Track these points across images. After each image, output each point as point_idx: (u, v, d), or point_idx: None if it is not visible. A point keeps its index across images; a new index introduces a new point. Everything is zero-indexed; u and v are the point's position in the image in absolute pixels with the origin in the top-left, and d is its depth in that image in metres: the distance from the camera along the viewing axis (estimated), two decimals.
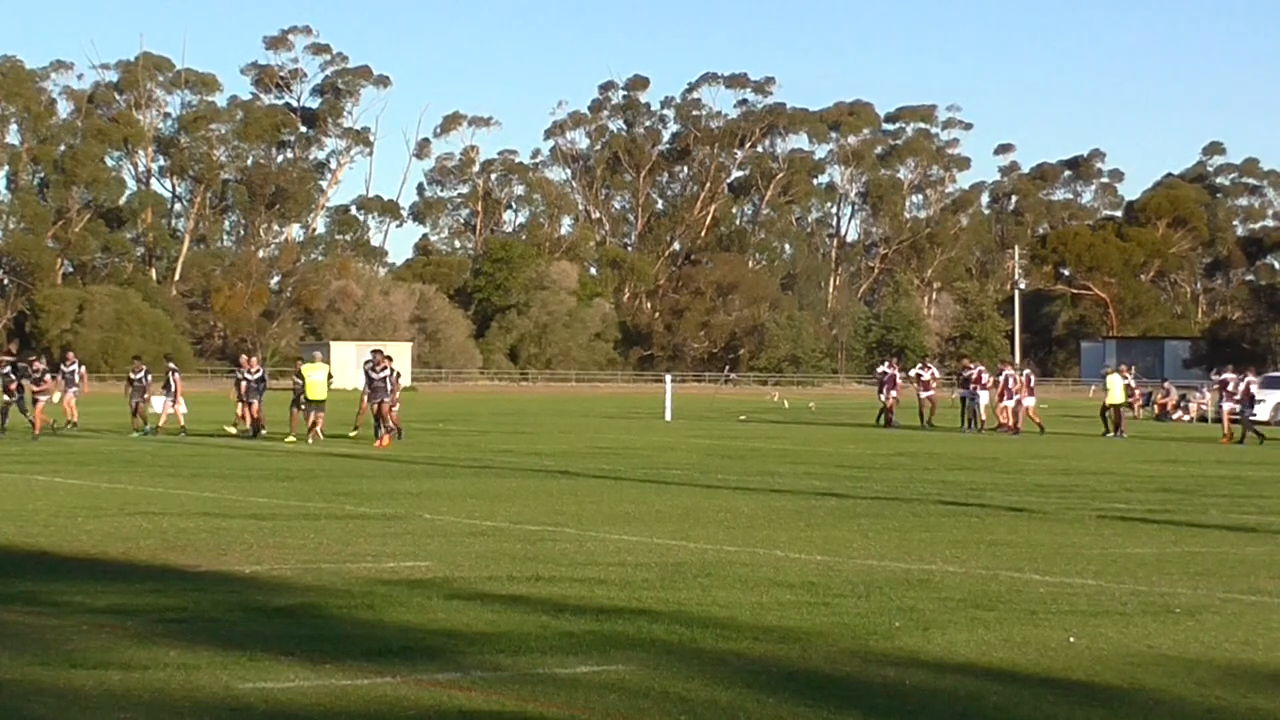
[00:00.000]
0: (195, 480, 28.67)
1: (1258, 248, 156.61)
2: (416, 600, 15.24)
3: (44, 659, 12.27)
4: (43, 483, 27.71)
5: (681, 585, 16.43)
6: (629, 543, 19.83)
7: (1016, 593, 16.29)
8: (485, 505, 24.54)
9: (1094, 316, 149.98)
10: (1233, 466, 37.45)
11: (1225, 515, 25.02)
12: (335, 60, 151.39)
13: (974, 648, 13.24)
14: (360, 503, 24.68)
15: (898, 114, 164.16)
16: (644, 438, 46.24)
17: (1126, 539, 21.40)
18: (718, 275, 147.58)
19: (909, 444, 45.07)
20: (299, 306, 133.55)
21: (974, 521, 22.99)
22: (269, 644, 12.92)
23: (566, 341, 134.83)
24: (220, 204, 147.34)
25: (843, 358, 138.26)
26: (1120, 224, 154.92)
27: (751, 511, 24.23)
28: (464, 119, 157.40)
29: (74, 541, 19.39)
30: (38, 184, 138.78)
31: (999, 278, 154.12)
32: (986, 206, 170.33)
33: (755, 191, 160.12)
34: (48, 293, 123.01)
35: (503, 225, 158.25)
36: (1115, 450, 43.92)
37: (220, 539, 19.74)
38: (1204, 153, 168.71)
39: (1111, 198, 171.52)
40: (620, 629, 13.82)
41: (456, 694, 11.37)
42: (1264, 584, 17.35)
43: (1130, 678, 12.31)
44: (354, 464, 33.63)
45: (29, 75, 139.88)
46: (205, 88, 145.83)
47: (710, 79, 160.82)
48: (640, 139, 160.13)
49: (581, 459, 36.21)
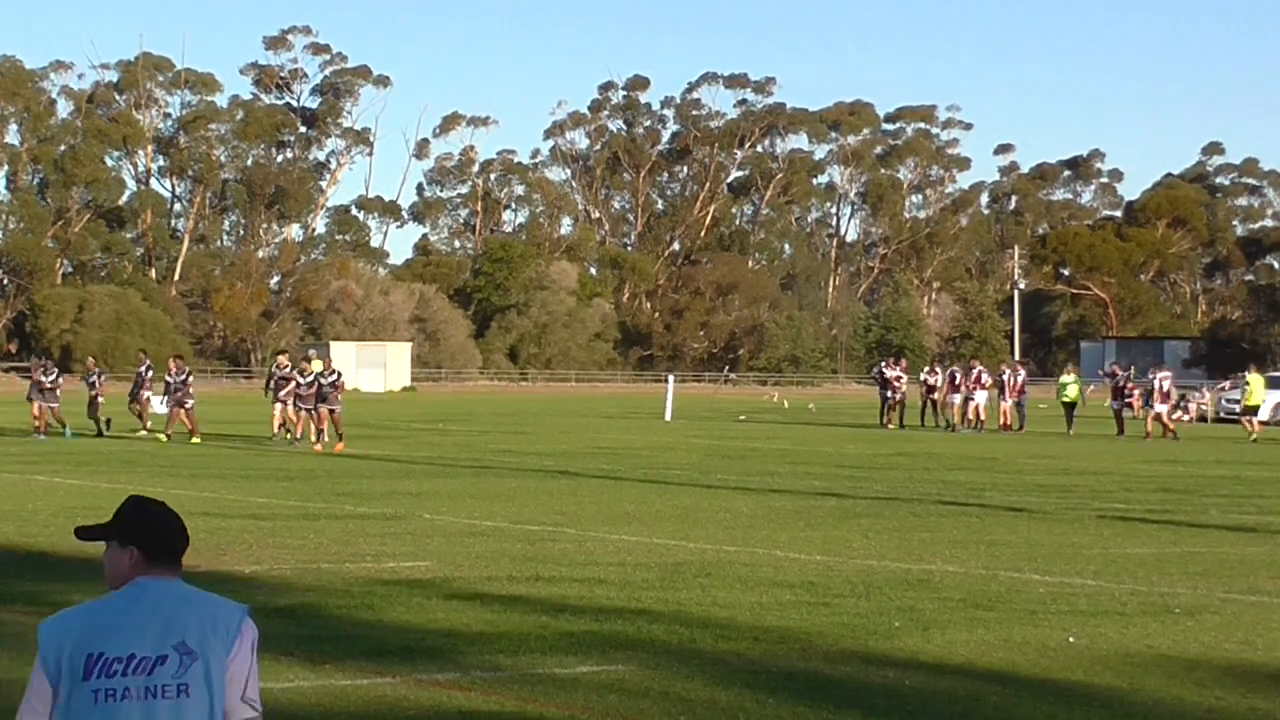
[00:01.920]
0: (194, 480, 28.67)
1: (1257, 248, 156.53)
2: (416, 600, 15.24)
3: None
4: (42, 483, 27.72)
5: (681, 585, 16.43)
6: (629, 543, 19.83)
7: (1016, 593, 16.29)
8: (485, 505, 24.55)
9: (1094, 316, 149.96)
10: (1232, 466, 37.46)
11: (1225, 515, 25.02)
12: (335, 60, 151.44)
13: (973, 648, 13.24)
14: (360, 503, 24.69)
15: (898, 114, 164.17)
16: (644, 438, 46.24)
17: (1126, 539, 21.41)
18: (717, 275, 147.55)
19: (909, 444, 45.07)
20: (299, 306, 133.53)
21: (974, 521, 22.99)
22: (269, 644, 12.88)
23: (566, 341, 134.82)
24: (220, 204, 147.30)
25: (842, 358, 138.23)
26: (1120, 224, 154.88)
27: (751, 511, 24.23)
28: (463, 119, 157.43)
29: (74, 541, 19.36)
30: (37, 184, 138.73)
31: (999, 278, 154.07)
32: (986, 206, 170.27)
33: (755, 191, 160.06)
34: (48, 293, 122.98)
35: (502, 225, 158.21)
36: (1115, 450, 43.93)
37: (220, 539, 19.74)
38: (1203, 153, 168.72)
39: (1111, 198, 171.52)
40: (620, 629, 13.82)
41: (456, 694, 11.37)
42: (1264, 584, 17.35)
43: (1130, 678, 12.32)
44: (354, 464, 33.63)
45: (29, 75, 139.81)
46: (205, 88, 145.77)
47: (710, 79, 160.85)
48: (640, 139, 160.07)
49: (581, 459, 36.21)
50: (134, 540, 5.05)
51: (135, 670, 4.84)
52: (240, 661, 4.95)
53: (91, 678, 4.81)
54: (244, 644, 4.98)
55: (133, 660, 4.84)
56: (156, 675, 4.85)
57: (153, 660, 4.86)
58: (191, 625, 4.93)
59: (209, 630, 4.93)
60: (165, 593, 4.98)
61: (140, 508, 5.13)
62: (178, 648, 4.88)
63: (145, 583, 5.00)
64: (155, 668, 4.86)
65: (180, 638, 4.89)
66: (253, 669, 4.99)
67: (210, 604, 5.00)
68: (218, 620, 4.96)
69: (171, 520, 5.08)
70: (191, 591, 5.03)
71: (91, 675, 4.82)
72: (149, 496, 5.28)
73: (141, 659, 4.85)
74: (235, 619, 4.98)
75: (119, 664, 4.83)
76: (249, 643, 5.00)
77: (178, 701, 4.84)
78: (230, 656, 4.93)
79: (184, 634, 4.90)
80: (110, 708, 4.80)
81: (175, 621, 4.92)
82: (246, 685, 4.96)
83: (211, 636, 4.93)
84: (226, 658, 4.92)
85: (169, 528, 5.07)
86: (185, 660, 4.88)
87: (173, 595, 4.98)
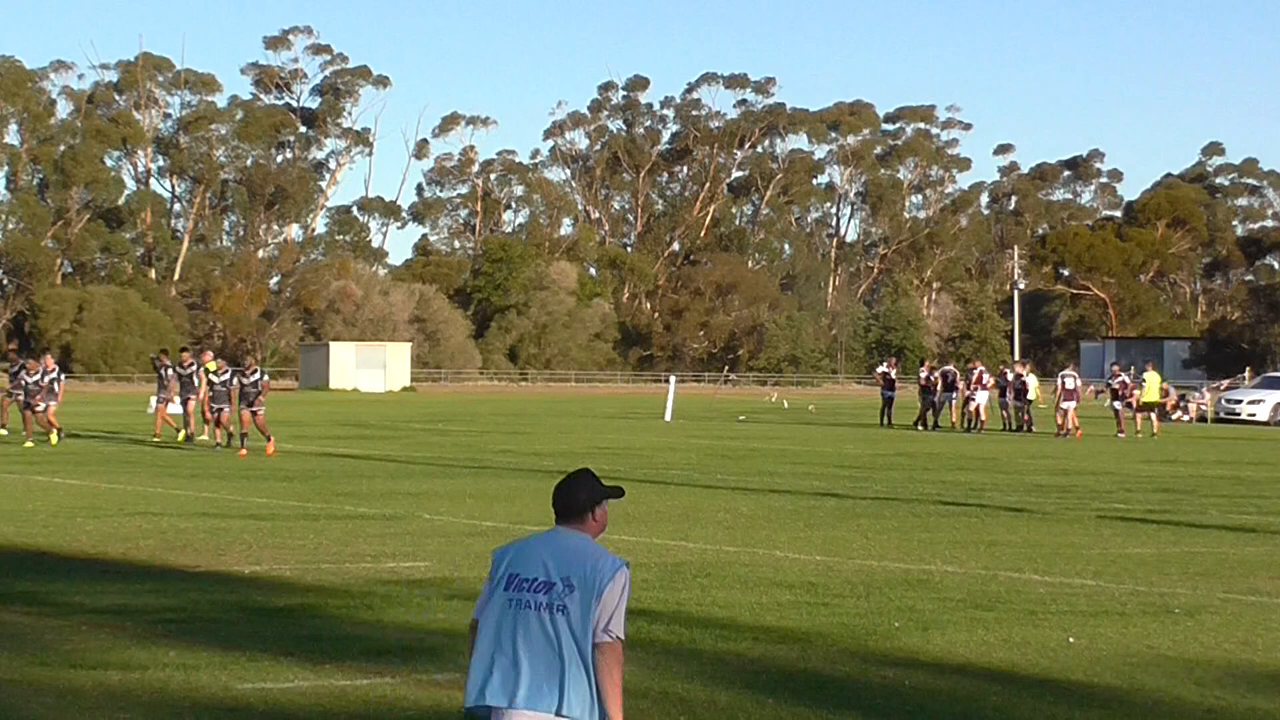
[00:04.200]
0: (194, 480, 28.65)
1: (1257, 248, 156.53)
2: (416, 600, 15.24)
3: (44, 659, 12.27)
4: (42, 483, 27.70)
5: (681, 585, 16.43)
6: (629, 543, 19.82)
7: (1016, 593, 16.29)
8: (485, 505, 24.54)
9: (1093, 317, 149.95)
10: (1232, 466, 37.45)
11: (1225, 515, 25.02)
12: (335, 60, 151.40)
13: (973, 648, 13.24)
14: (359, 503, 24.67)
15: (897, 114, 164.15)
16: (644, 438, 46.22)
17: (1126, 539, 21.40)
18: (717, 275, 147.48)
19: (909, 444, 45.06)
20: (298, 307, 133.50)
21: (973, 522, 22.99)
22: (268, 644, 12.92)
23: (566, 342, 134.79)
24: (220, 204, 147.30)
25: (842, 358, 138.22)
26: (1120, 224, 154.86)
27: (751, 511, 24.23)
28: (463, 119, 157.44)
29: (73, 541, 19.38)
30: (37, 184, 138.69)
31: (998, 278, 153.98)
32: (986, 207, 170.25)
33: (755, 191, 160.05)
34: (47, 293, 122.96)
35: (502, 225, 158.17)
36: (1115, 450, 43.91)
37: (219, 539, 19.73)
38: (1203, 153, 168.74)
39: (1111, 198, 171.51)
40: None
41: (456, 694, 11.35)
42: (1263, 584, 17.35)
43: (1130, 678, 12.31)
44: (353, 464, 33.63)
45: (29, 75, 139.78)
46: (205, 88, 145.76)
47: (710, 79, 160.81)
48: (640, 139, 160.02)
49: (581, 459, 36.19)
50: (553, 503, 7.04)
51: (534, 589, 6.80)
52: (608, 600, 6.75)
53: (508, 589, 6.85)
54: (615, 587, 6.77)
55: (535, 582, 6.81)
56: (547, 595, 6.78)
57: (546, 583, 6.80)
58: (576, 566, 6.79)
59: (589, 572, 6.76)
60: (566, 540, 6.90)
61: (560, 482, 7.06)
62: (564, 579, 6.78)
63: (556, 531, 6.96)
64: (548, 590, 6.79)
65: (568, 573, 6.78)
66: (619, 608, 6.76)
67: (596, 555, 6.84)
68: (598, 568, 6.78)
69: (566, 493, 7.00)
70: (585, 542, 6.90)
71: (509, 587, 6.86)
72: (577, 471, 7.08)
73: (542, 582, 6.80)
74: (610, 570, 6.79)
75: (526, 583, 6.83)
76: (619, 587, 6.78)
77: (555, 616, 6.74)
78: (600, 594, 6.74)
79: (570, 571, 6.78)
80: (513, 610, 6.81)
81: (567, 561, 6.81)
82: (611, 619, 6.75)
83: (590, 577, 6.75)
84: (595, 594, 6.74)
85: (564, 498, 7.00)
86: (567, 589, 6.77)
87: (571, 542, 6.89)
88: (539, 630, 6.77)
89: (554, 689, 6.74)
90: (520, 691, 6.76)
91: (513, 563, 6.91)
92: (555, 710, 6.74)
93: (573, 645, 6.74)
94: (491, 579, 6.95)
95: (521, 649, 6.78)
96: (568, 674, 6.73)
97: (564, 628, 6.73)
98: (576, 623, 6.73)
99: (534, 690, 6.75)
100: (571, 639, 6.74)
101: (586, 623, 6.72)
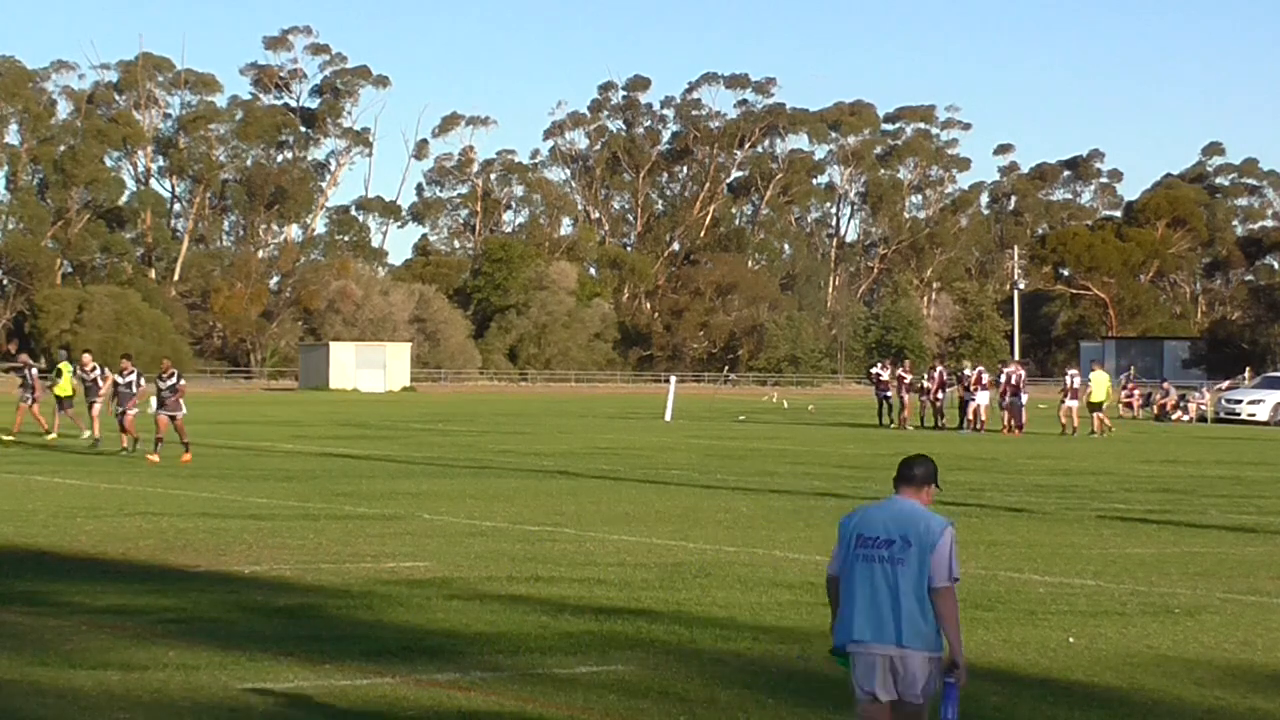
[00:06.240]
0: (193, 481, 28.63)
1: (1257, 248, 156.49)
2: (416, 600, 15.24)
3: (44, 659, 12.27)
4: (42, 483, 27.70)
5: (681, 585, 16.43)
6: (628, 543, 19.82)
7: (1016, 593, 16.29)
8: (485, 505, 24.54)
9: (1093, 316, 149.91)
10: (1232, 466, 37.45)
11: (1225, 515, 25.02)
12: (335, 60, 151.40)
13: (974, 648, 13.23)
14: (360, 503, 24.67)
15: (897, 114, 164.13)
16: (643, 438, 46.21)
17: (1126, 539, 21.40)
18: (717, 275, 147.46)
19: (909, 444, 45.06)
20: (298, 307, 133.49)
21: (974, 522, 22.97)
22: (269, 644, 12.91)
23: (566, 342, 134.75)
24: (220, 204, 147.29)
25: (842, 358, 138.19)
26: (1119, 224, 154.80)
27: (751, 511, 24.23)
28: (462, 119, 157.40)
29: (73, 541, 19.38)
30: (37, 184, 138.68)
31: (998, 278, 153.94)
32: (986, 207, 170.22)
33: (755, 191, 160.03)
34: (47, 293, 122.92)
35: (502, 225, 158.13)
36: (1115, 450, 43.91)
37: (219, 539, 19.73)
38: (1203, 153, 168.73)
39: (1111, 198, 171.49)
40: (620, 629, 13.82)
41: (456, 694, 11.37)
42: (1263, 584, 17.35)
43: (1130, 678, 12.32)
44: (353, 464, 33.61)
45: (29, 75, 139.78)
46: (205, 88, 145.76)
47: (710, 79, 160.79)
48: (640, 139, 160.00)
49: (581, 459, 36.19)
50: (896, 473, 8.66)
51: (878, 546, 8.41)
52: (940, 553, 8.33)
53: (857, 547, 8.47)
54: (944, 543, 8.36)
55: (877, 540, 8.43)
56: (889, 551, 8.38)
57: (886, 540, 8.41)
58: (910, 526, 8.40)
59: (922, 531, 8.37)
60: (901, 505, 8.52)
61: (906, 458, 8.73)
62: (902, 537, 8.38)
63: (892, 499, 8.58)
64: (888, 546, 8.39)
65: (904, 532, 8.39)
66: (951, 557, 8.36)
67: (926, 517, 8.44)
68: (930, 527, 8.38)
69: (909, 465, 8.63)
70: (916, 507, 8.51)
71: (858, 545, 8.47)
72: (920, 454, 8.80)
73: (884, 539, 8.42)
74: (938, 528, 8.39)
75: (871, 541, 8.44)
76: (948, 542, 8.36)
77: (895, 568, 8.35)
78: (933, 548, 8.33)
79: (906, 530, 8.39)
80: (864, 565, 8.41)
81: (902, 522, 8.43)
82: (948, 566, 8.36)
83: (924, 536, 8.36)
84: (929, 549, 8.33)
85: (907, 469, 8.62)
86: (905, 545, 8.37)
87: (906, 507, 8.50)
88: (882, 579, 8.39)
89: (895, 626, 8.35)
90: (871, 629, 8.40)
91: (859, 525, 8.54)
92: (896, 642, 8.36)
93: (909, 590, 8.33)
94: (841, 541, 8.59)
95: (871, 595, 8.41)
96: (904, 613, 8.33)
97: (902, 575, 8.34)
98: (912, 572, 8.33)
99: (881, 628, 8.38)
100: (910, 584, 8.33)
101: (922, 573, 8.32)
